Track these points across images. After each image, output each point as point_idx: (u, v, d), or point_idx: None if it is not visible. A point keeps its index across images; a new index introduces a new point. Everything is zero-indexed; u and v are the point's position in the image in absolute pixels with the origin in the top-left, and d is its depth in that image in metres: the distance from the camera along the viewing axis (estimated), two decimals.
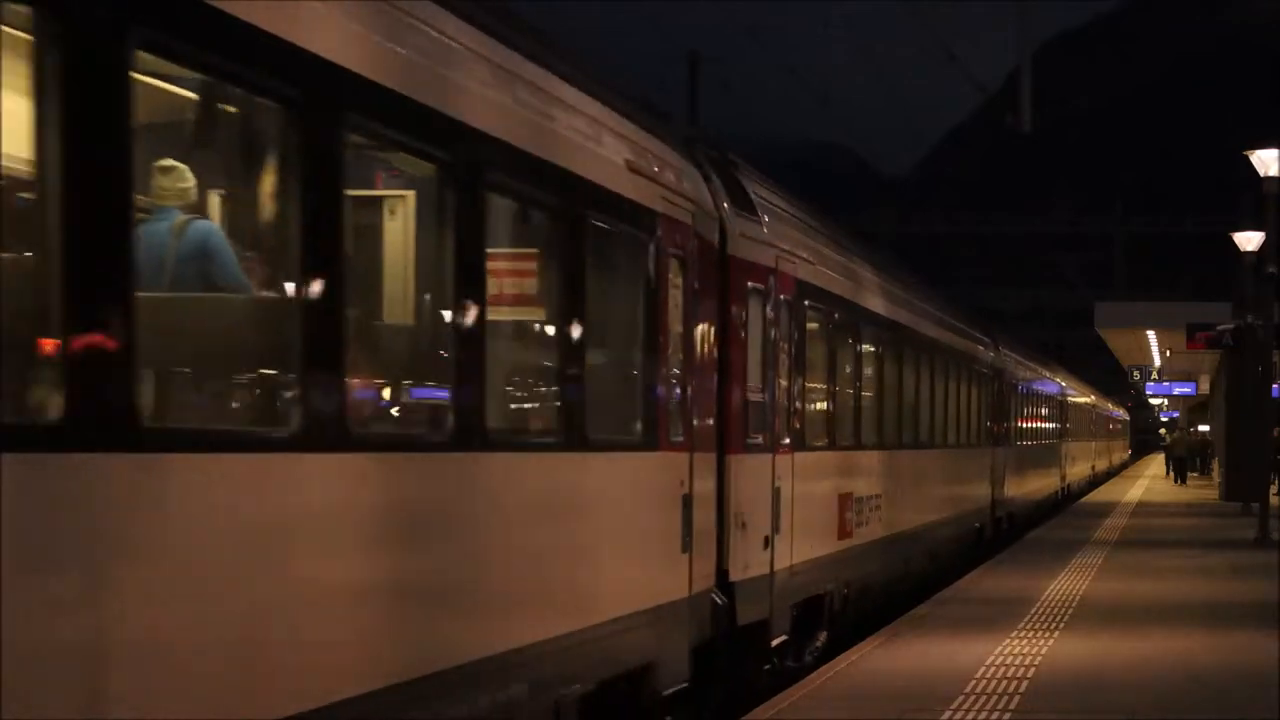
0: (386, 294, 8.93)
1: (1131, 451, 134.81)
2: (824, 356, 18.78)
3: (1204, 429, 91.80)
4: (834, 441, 19.11)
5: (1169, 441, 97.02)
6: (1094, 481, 76.31)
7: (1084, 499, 59.52)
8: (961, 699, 14.25)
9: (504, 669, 9.38)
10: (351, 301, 7.71)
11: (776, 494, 15.94)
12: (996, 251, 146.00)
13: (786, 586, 16.31)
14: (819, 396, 18.51)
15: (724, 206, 14.77)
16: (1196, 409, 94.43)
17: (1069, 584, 24.87)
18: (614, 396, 11.72)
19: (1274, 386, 38.30)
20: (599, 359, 11.16)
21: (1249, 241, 40.06)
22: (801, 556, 16.89)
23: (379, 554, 8.01)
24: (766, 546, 15.59)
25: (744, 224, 15.23)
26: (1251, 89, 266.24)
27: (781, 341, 16.30)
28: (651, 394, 12.17)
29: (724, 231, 14.54)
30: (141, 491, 6.14)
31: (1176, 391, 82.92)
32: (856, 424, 20.51)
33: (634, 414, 11.97)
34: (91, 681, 5.84)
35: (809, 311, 17.64)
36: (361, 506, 7.84)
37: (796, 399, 16.92)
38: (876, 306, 22.07)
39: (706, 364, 13.74)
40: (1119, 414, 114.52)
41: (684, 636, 12.98)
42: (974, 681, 15.20)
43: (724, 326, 14.37)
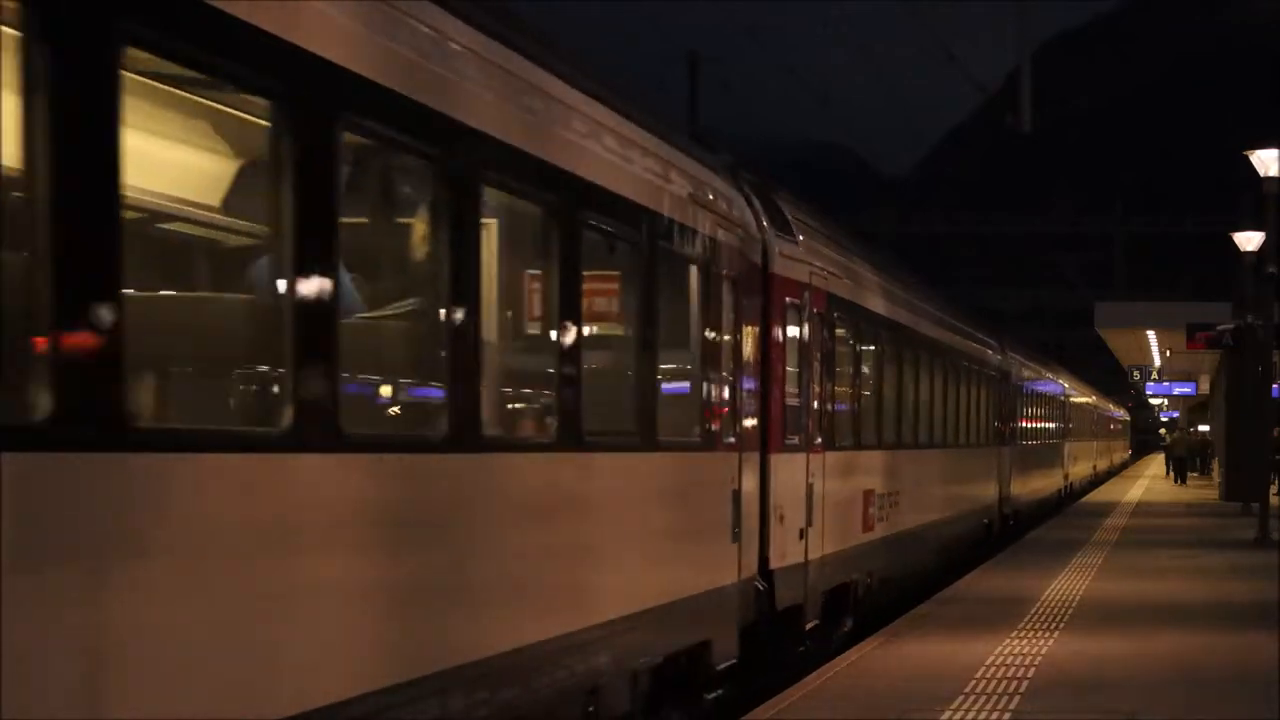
0: (509, 314, 10.35)
1: (1131, 451, 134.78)
2: (850, 363, 20.19)
3: (1204, 429, 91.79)
4: (859, 441, 20.48)
5: (1169, 441, 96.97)
6: (1095, 481, 76.46)
7: (1084, 499, 59.54)
8: (961, 699, 14.27)
9: (592, 642, 10.93)
10: (479, 318, 9.10)
11: (810, 490, 17.39)
12: (996, 251, 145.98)
13: (818, 575, 17.67)
14: (845, 400, 19.89)
15: (765, 228, 16.27)
16: (1196, 409, 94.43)
17: (1069, 584, 24.88)
18: (679, 403, 13.23)
19: (1274, 386, 38.30)
20: (667, 370, 12.71)
21: (1249, 241, 40.06)
22: (831, 548, 18.29)
23: (510, 541, 9.61)
24: (801, 538, 16.95)
25: (782, 244, 16.74)
26: (1251, 89, 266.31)
27: (814, 350, 17.82)
28: (709, 401, 13.74)
29: (766, 252, 16.09)
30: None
31: (1176, 391, 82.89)
32: (878, 425, 21.93)
33: (694, 419, 13.50)
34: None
35: (837, 322, 19.08)
36: (510, 496, 9.61)
37: (827, 402, 18.37)
38: (895, 315, 23.49)
39: (752, 372, 15.23)
40: (1119, 414, 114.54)
41: (734, 618, 14.38)
42: (974, 681, 15.22)
43: (766, 337, 15.92)
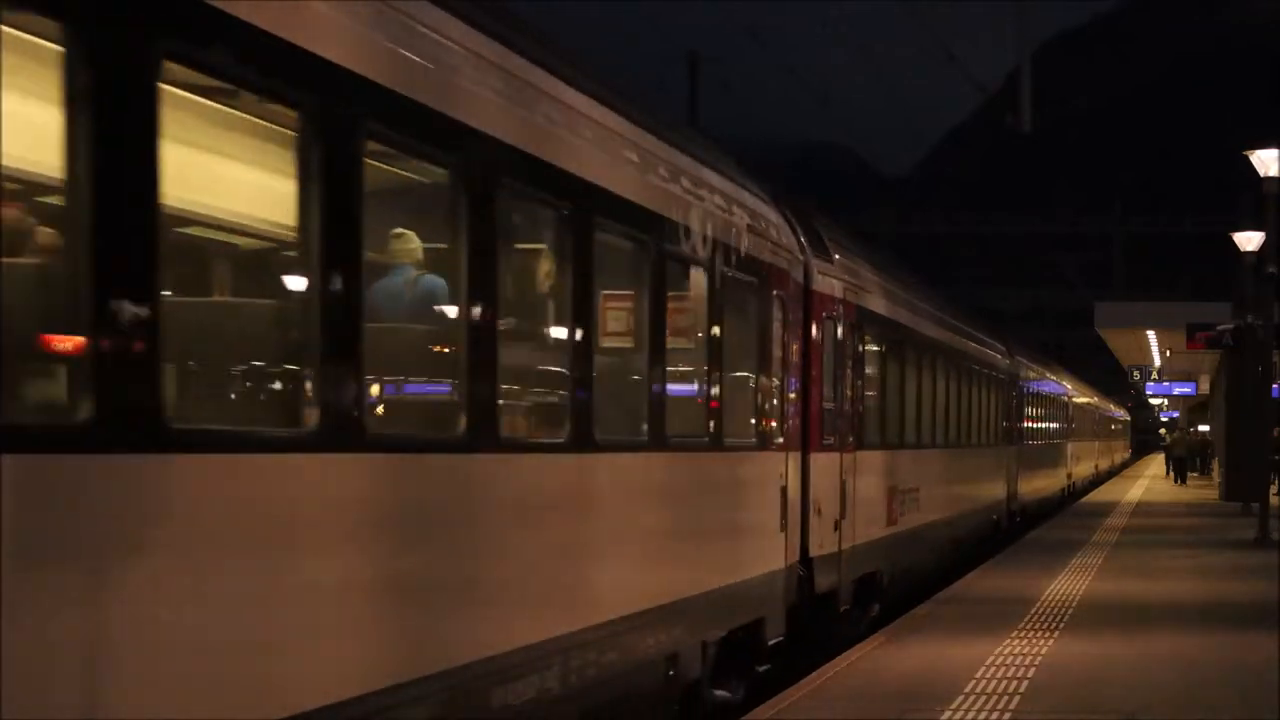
0: (617, 335, 12.02)
1: (1132, 451, 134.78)
2: (876, 368, 21.79)
3: (1204, 429, 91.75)
4: (883, 442, 22.01)
5: (1169, 441, 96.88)
6: (1097, 480, 76.61)
7: (1084, 499, 59.54)
8: (961, 699, 14.26)
9: (672, 614, 12.63)
10: (576, 333, 10.71)
11: (843, 486, 19.01)
12: (996, 251, 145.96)
13: (850, 563, 19.27)
14: (872, 403, 21.39)
15: (806, 249, 17.85)
16: (1196, 409, 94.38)
17: (1069, 584, 24.88)
18: (740, 407, 15.02)
19: (1274, 386, 38.31)
20: (730, 378, 14.33)
21: (1249, 241, 40.04)
22: (861, 539, 19.87)
23: (610, 530, 11.42)
24: (835, 529, 18.56)
25: (820, 263, 18.43)
26: (1251, 89, 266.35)
27: (846, 357, 19.53)
28: (762, 405, 15.59)
29: (806, 271, 17.73)
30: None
31: (1176, 391, 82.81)
32: (900, 426, 23.60)
33: (751, 421, 15.29)
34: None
35: (865, 331, 20.74)
36: (612, 492, 11.48)
37: (857, 405, 20.03)
38: (914, 324, 25.17)
39: (796, 379, 17.05)
40: (1120, 414, 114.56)
41: (781, 599, 16.15)
42: (974, 681, 15.21)
43: (806, 348, 17.62)
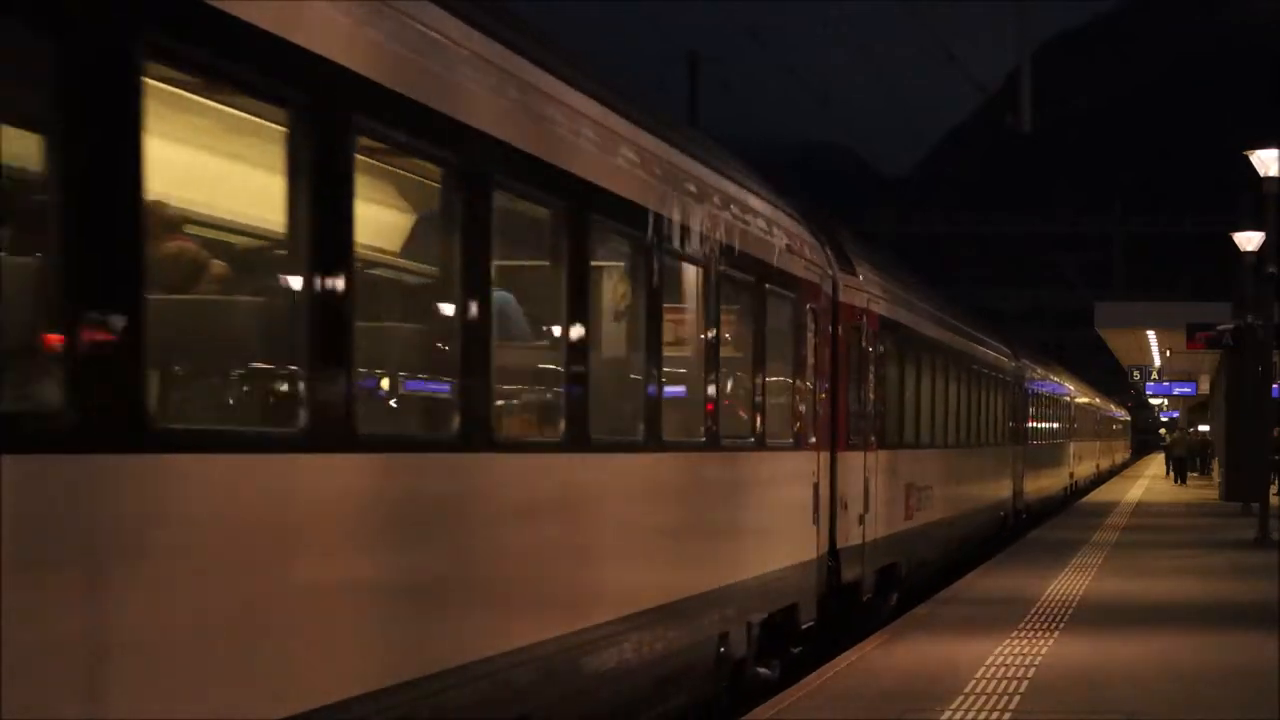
0: (685, 348, 13.32)
1: (1132, 451, 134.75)
2: (896, 373, 23.13)
3: (1204, 429, 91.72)
4: (901, 441, 23.40)
5: (1169, 441, 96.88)
6: (1098, 479, 76.74)
7: (1084, 499, 59.55)
8: (961, 699, 14.26)
9: (724, 597, 13.99)
10: (649, 345, 12.01)
11: (866, 483, 20.28)
12: (996, 251, 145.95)
13: (873, 555, 20.61)
14: (891, 405, 22.71)
15: (833, 264, 19.21)
16: (1196, 409, 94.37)
17: (1069, 584, 24.89)
18: (781, 410, 16.51)
19: (1274, 386, 38.31)
20: (771, 383, 15.82)
21: (1249, 241, 40.04)
22: (882, 533, 21.25)
23: (673, 520, 12.81)
24: (860, 523, 19.85)
25: (846, 277, 19.81)
26: (1251, 89, 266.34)
27: (869, 363, 20.90)
28: (799, 409, 17.08)
29: (834, 284, 19.06)
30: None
31: (1176, 391, 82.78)
32: (916, 427, 24.98)
33: (789, 423, 16.78)
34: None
35: (885, 338, 22.09)
36: (678, 487, 12.95)
37: (878, 407, 21.37)
38: (929, 330, 26.62)
39: (826, 383, 18.44)
40: (1120, 415, 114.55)
41: (813, 587, 17.51)
42: (974, 681, 15.21)
43: (835, 354, 18.97)
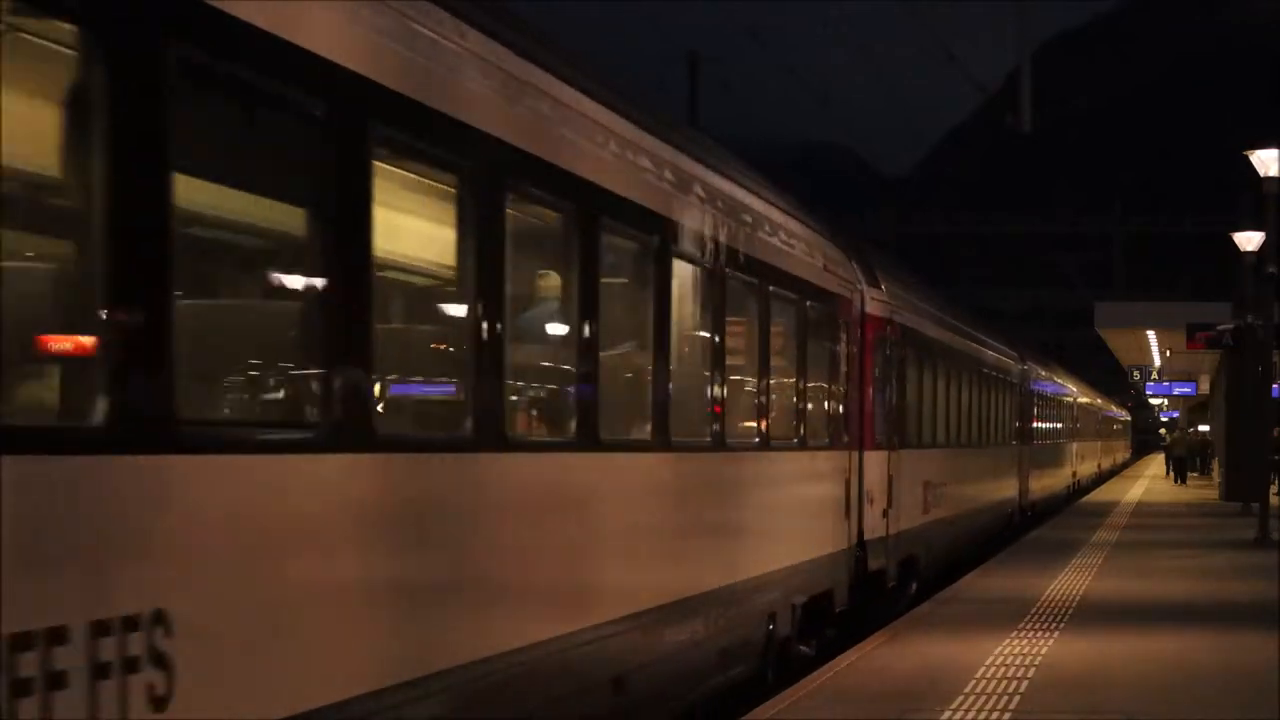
0: (738, 360, 14.71)
1: (1132, 451, 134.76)
2: (915, 378, 24.66)
3: (1204, 429, 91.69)
4: (920, 441, 24.97)
5: (1169, 441, 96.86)
6: (1100, 478, 76.93)
7: (1084, 499, 59.55)
8: (961, 699, 14.25)
9: (773, 582, 15.64)
10: (715, 357, 13.66)
11: (890, 480, 21.85)
12: (996, 251, 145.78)
13: (895, 546, 22.18)
14: (911, 408, 24.26)
15: (861, 279, 20.81)
16: (1196, 409, 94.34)
17: (1069, 584, 24.89)
18: (820, 413, 18.19)
19: (1274, 386, 38.30)
20: (812, 389, 17.57)
21: (1249, 241, 40.03)
22: (903, 526, 22.79)
23: (734, 510, 14.54)
24: (884, 517, 21.36)
25: (872, 290, 21.39)
26: (1251, 89, 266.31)
27: (891, 369, 22.44)
28: (833, 411, 18.82)
29: (862, 297, 20.69)
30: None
31: (1176, 391, 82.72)
32: (933, 428, 26.57)
33: (825, 425, 18.46)
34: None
35: (905, 346, 23.61)
36: (735, 484, 14.64)
37: (899, 410, 22.89)
38: (944, 338, 28.25)
39: (855, 388, 20.07)
40: (1121, 415, 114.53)
41: (846, 574, 19.28)
42: (974, 681, 15.20)
43: (862, 362, 20.56)
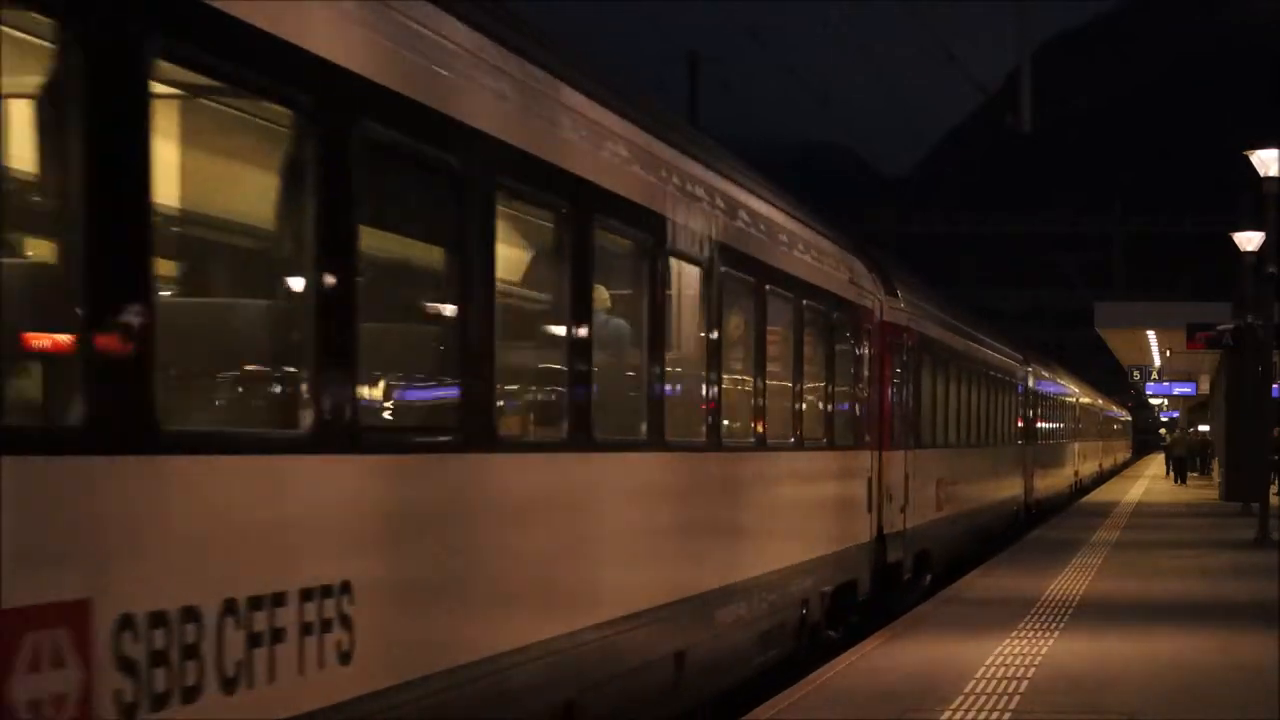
0: (777, 369, 15.95)
1: (1132, 451, 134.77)
2: (929, 381, 25.82)
3: (1204, 429, 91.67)
4: (933, 442, 26.18)
5: (1169, 441, 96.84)
6: (1101, 477, 76.99)
7: (1084, 499, 59.55)
8: (961, 699, 14.25)
9: (806, 570, 17.05)
10: (757, 366, 15.05)
11: (906, 478, 23.05)
12: (996, 251, 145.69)
13: (911, 541, 23.37)
14: (925, 409, 25.44)
15: (880, 289, 22.09)
16: (1196, 409, 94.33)
17: (1069, 584, 24.88)
18: (845, 415, 19.48)
19: (1274, 386, 38.30)
20: (839, 392, 19.01)
21: (1249, 241, 40.03)
22: (919, 522, 24.01)
23: (772, 504, 15.80)
24: (901, 513, 22.60)
25: (890, 300, 22.71)
26: (1251, 89, 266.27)
27: (909, 374, 23.71)
28: (856, 414, 20.09)
29: (881, 307, 21.85)
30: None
31: (1176, 391, 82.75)
32: (945, 429, 27.76)
33: (849, 426, 19.75)
34: None
35: (919, 351, 24.75)
36: (769, 479, 15.87)
37: (915, 412, 24.15)
38: (955, 342, 29.53)
39: (876, 391, 21.34)
40: (1121, 415, 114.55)
41: (868, 565, 20.60)
42: (974, 681, 15.20)
43: (881, 367, 21.72)
